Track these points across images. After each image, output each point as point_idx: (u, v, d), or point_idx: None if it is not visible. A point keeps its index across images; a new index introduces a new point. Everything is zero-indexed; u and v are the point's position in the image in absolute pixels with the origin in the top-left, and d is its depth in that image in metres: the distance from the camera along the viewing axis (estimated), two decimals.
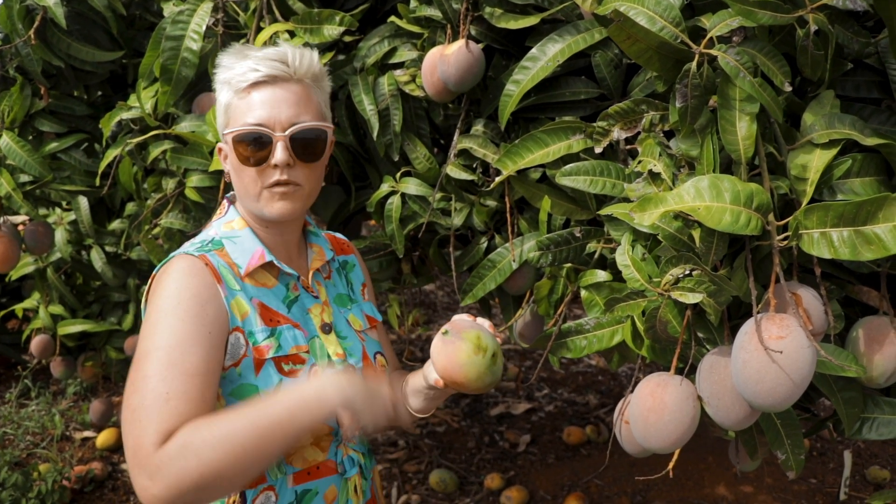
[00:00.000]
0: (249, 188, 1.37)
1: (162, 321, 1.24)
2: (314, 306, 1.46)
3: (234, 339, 1.32)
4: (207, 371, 1.23)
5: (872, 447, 4.04)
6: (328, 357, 1.42)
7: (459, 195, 1.92)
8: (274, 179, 1.34)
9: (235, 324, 1.32)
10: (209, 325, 1.26)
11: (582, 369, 5.00)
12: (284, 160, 1.33)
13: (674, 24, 1.21)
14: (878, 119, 1.39)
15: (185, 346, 1.22)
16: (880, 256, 1.09)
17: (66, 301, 3.06)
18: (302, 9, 2.01)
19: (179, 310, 1.25)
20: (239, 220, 1.43)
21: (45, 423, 4.08)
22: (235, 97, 1.36)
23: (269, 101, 1.33)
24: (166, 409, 1.16)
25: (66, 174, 2.60)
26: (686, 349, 1.37)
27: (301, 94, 1.37)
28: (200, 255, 1.33)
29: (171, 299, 1.26)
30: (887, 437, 1.46)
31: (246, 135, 1.33)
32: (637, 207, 1.17)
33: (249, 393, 1.31)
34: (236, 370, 1.31)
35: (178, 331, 1.23)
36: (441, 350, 1.31)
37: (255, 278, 1.38)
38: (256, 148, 1.33)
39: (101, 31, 2.49)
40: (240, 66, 1.35)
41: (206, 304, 1.27)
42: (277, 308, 1.39)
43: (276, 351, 1.34)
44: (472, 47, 1.72)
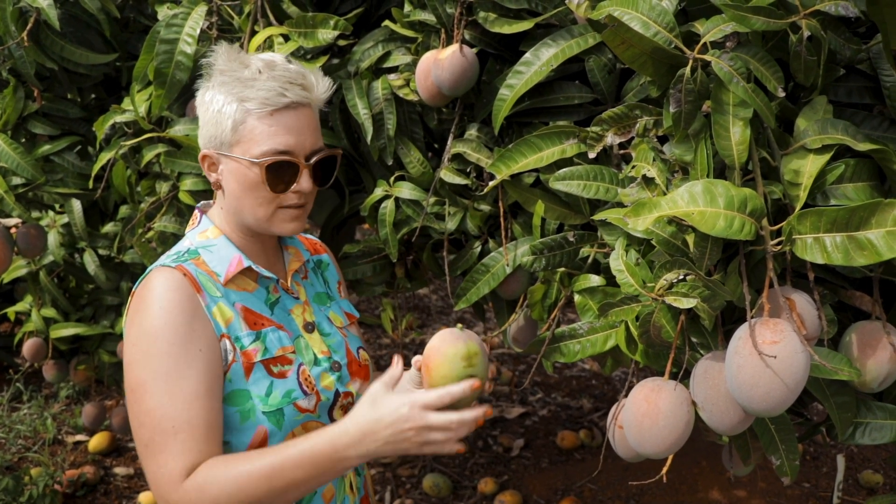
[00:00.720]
0: (259, 208, 1.36)
1: (153, 347, 1.25)
2: (295, 307, 1.46)
3: (223, 346, 1.32)
4: (207, 391, 1.25)
5: (865, 451, 4.05)
6: (314, 356, 1.42)
7: (453, 199, 1.92)
8: (294, 202, 1.37)
9: (221, 331, 1.32)
10: (199, 342, 1.27)
11: (576, 373, 5.00)
12: (308, 188, 1.36)
13: (668, 29, 1.21)
14: (871, 125, 1.40)
15: (180, 370, 1.24)
16: (873, 262, 1.09)
17: (59, 304, 3.04)
18: (296, 12, 2.01)
19: (167, 332, 1.25)
20: (213, 228, 1.42)
21: (37, 426, 4.05)
22: (254, 118, 1.31)
23: (295, 128, 1.33)
24: (175, 444, 1.21)
25: (59, 177, 2.59)
26: (680, 354, 1.38)
27: (314, 118, 1.38)
28: (177, 265, 1.32)
29: (158, 320, 1.26)
30: (880, 442, 1.46)
31: (279, 164, 1.32)
32: (631, 212, 1.17)
33: (242, 398, 1.32)
34: (227, 376, 1.31)
35: (171, 355, 1.24)
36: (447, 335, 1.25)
37: (235, 283, 1.38)
38: (283, 176, 1.34)
39: (94, 33, 2.48)
40: (262, 85, 1.30)
41: (192, 320, 1.28)
42: (260, 311, 1.39)
43: (264, 354, 1.34)
44: (466, 52, 1.72)
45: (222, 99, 1.32)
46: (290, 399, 1.35)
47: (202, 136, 1.38)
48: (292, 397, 1.35)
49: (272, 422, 1.33)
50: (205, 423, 1.24)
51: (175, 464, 1.21)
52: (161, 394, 1.23)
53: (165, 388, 1.23)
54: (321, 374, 1.42)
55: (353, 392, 1.47)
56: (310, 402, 1.37)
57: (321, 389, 1.40)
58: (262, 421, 1.32)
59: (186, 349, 1.25)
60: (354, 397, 1.47)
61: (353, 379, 1.48)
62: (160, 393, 1.23)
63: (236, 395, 1.32)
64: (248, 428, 1.32)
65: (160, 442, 1.22)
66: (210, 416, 1.25)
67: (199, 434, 1.22)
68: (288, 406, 1.34)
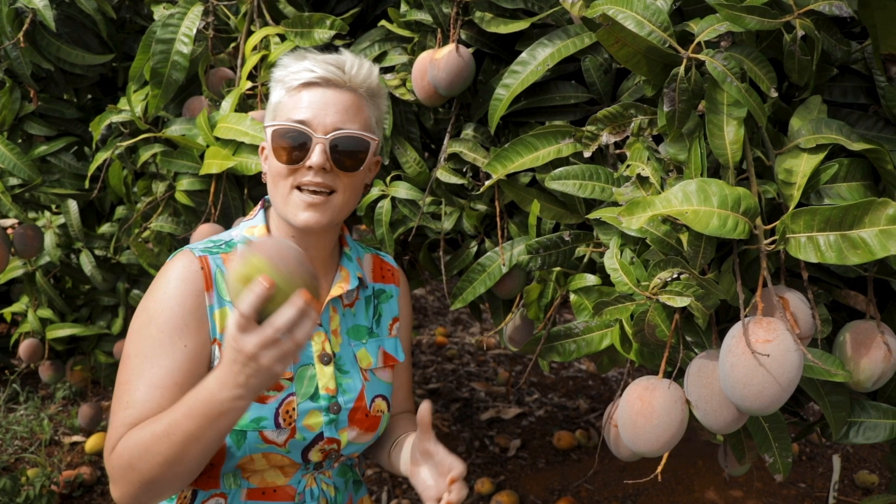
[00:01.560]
0: (281, 188, 1.33)
1: (144, 327, 1.28)
2: (317, 334, 1.39)
3: (213, 350, 1.31)
4: (173, 384, 1.25)
5: (861, 452, 4.05)
6: (316, 390, 1.36)
7: (449, 199, 1.92)
8: (307, 179, 1.31)
9: (215, 335, 1.30)
10: (186, 338, 1.27)
11: (572, 374, 5.00)
12: (320, 163, 1.30)
13: (662, 28, 1.22)
14: (865, 125, 1.40)
15: (156, 357, 1.25)
16: (866, 261, 1.10)
17: (55, 305, 3.04)
18: (292, 12, 2.01)
19: (161, 319, 1.27)
20: (262, 227, 1.39)
21: (34, 427, 4.05)
22: (286, 95, 1.34)
23: (318, 103, 1.31)
24: (122, 416, 1.24)
25: (56, 177, 2.59)
26: (674, 353, 1.38)
27: (351, 102, 1.34)
28: (202, 255, 1.32)
29: (159, 304, 1.28)
30: (874, 441, 1.47)
31: (286, 130, 1.30)
32: (625, 211, 1.17)
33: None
34: None
35: (154, 340, 1.26)
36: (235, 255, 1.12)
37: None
38: (294, 146, 1.30)
39: (90, 34, 2.49)
40: (296, 65, 1.33)
41: (187, 316, 1.28)
42: None
43: None
44: (462, 51, 1.72)
45: (273, 86, 1.37)
46: (258, 426, 1.31)
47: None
48: (260, 425, 1.31)
49: (233, 440, 1.31)
50: (157, 409, 1.23)
51: (114, 433, 1.23)
52: (133, 370, 1.26)
53: (139, 367, 1.25)
54: (310, 412, 1.35)
55: (341, 441, 1.40)
56: (280, 435, 1.32)
57: (300, 427, 1.34)
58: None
59: (172, 340, 1.26)
60: (341, 446, 1.41)
61: (350, 426, 1.40)
62: (133, 369, 1.26)
63: None
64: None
65: (115, 410, 1.26)
66: (166, 405, 1.22)
67: (145, 416, 1.22)
68: (252, 431, 1.31)
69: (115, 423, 1.25)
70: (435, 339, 5.54)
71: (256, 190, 2.13)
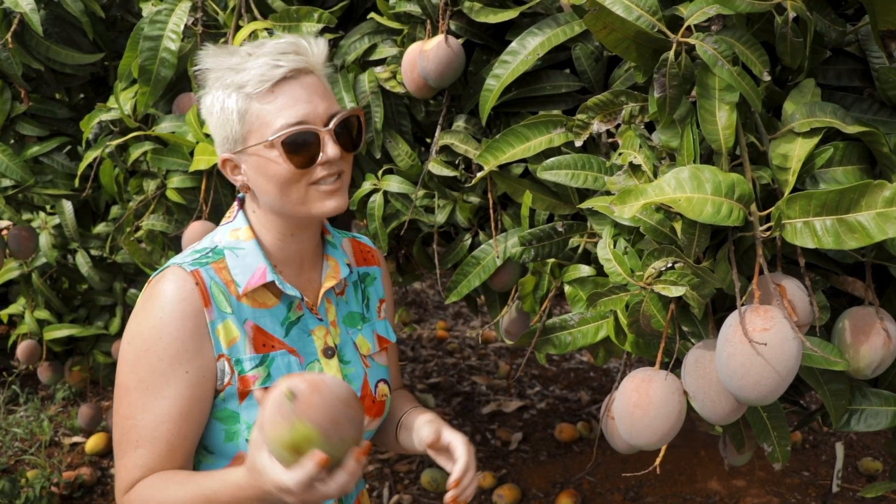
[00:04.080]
0: (295, 191, 1.26)
1: (142, 356, 1.23)
2: (318, 328, 1.37)
3: (221, 366, 1.26)
4: (180, 414, 1.23)
5: (864, 439, 4.04)
6: None
7: (442, 192, 1.90)
8: (322, 174, 1.26)
9: (220, 351, 1.26)
10: (187, 364, 1.23)
11: (573, 366, 4.98)
12: (337, 154, 1.25)
13: (650, 12, 1.19)
14: (860, 108, 1.38)
15: (160, 387, 1.22)
16: (864, 244, 1.07)
17: (52, 306, 3.03)
18: (280, 6, 1.99)
19: (160, 346, 1.22)
20: (245, 229, 1.33)
21: (34, 428, 4.04)
22: (255, 102, 1.23)
23: (303, 97, 1.24)
24: (134, 457, 1.22)
25: (49, 178, 2.57)
26: (671, 343, 1.36)
27: (321, 83, 1.29)
28: (194, 270, 1.26)
29: (154, 330, 1.23)
30: (875, 429, 1.45)
31: (294, 136, 1.22)
32: (617, 200, 1.15)
33: (232, 419, 1.28)
34: (220, 396, 1.27)
35: (156, 370, 1.22)
36: (272, 407, 1.03)
37: (253, 298, 1.30)
38: (306, 148, 1.24)
39: (80, 33, 2.47)
40: (252, 63, 1.22)
41: (187, 340, 1.23)
42: (273, 331, 1.31)
43: (264, 381, 1.27)
44: (451, 42, 1.70)
45: (221, 95, 1.25)
46: None
47: (217, 144, 1.31)
48: None
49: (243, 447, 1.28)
50: (167, 445, 1.22)
51: (128, 474, 1.23)
52: (137, 404, 1.22)
53: (142, 400, 1.22)
54: None
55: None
56: None
57: None
58: (243, 447, 1.27)
59: (173, 368, 1.22)
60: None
61: None
62: (136, 403, 1.23)
63: (227, 414, 1.28)
64: (229, 449, 1.29)
65: (124, 448, 1.24)
66: (175, 440, 1.23)
67: (159, 454, 1.22)
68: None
69: (127, 464, 1.23)
70: (436, 334, 5.52)
71: None
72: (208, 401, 1.26)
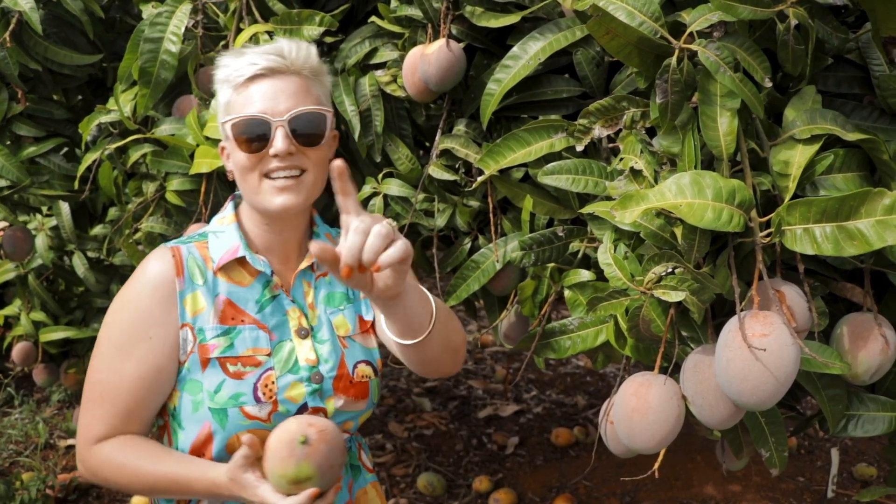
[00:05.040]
0: (250, 180, 1.35)
1: (116, 316, 1.35)
2: (292, 309, 1.42)
3: (184, 335, 1.34)
4: (137, 377, 1.33)
5: (859, 445, 4.05)
6: (296, 362, 1.38)
7: (442, 196, 1.90)
8: (274, 166, 1.33)
9: (185, 320, 1.34)
10: (151, 329, 1.33)
11: (570, 370, 4.99)
12: (285, 148, 1.31)
13: (653, 18, 1.20)
14: (860, 115, 1.39)
15: (126, 349, 1.33)
16: (863, 252, 1.08)
17: (48, 307, 3.02)
18: (282, 9, 1.99)
19: (130, 308, 1.34)
20: (230, 215, 1.43)
21: (29, 431, 4.02)
22: (234, 93, 1.35)
23: (268, 93, 1.33)
24: (98, 411, 1.34)
25: (45, 179, 2.56)
26: (670, 348, 1.37)
27: (300, 85, 1.36)
28: (174, 246, 1.38)
29: (129, 294, 1.35)
30: (872, 434, 1.46)
31: (245, 122, 1.32)
32: (618, 205, 1.16)
33: (195, 388, 1.34)
34: (186, 365, 1.35)
35: (124, 330, 1.34)
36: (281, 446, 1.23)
37: (228, 275, 1.38)
38: (255, 136, 1.32)
39: (79, 34, 2.46)
40: (237, 62, 1.35)
41: (154, 305, 1.33)
42: (245, 307, 1.38)
43: (225, 351, 1.35)
44: (452, 46, 1.70)
45: (219, 88, 1.39)
46: (237, 402, 1.33)
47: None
48: (239, 401, 1.33)
49: (216, 419, 1.34)
50: (125, 406, 1.33)
51: (93, 426, 1.34)
52: (105, 362, 1.34)
53: (109, 359, 1.34)
54: (291, 384, 1.37)
55: (328, 409, 1.40)
56: (261, 410, 1.34)
57: (282, 399, 1.36)
58: (208, 416, 1.34)
59: (138, 331, 1.33)
60: (329, 415, 1.40)
61: (336, 395, 1.41)
62: (104, 361, 1.34)
63: (190, 384, 1.35)
64: (197, 420, 1.35)
65: (89, 401, 1.35)
66: (133, 403, 1.33)
67: (119, 413, 1.33)
68: (233, 409, 1.33)
69: (90, 416, 1.34)
70: None
71: None
72: (169, 371, 1.35)
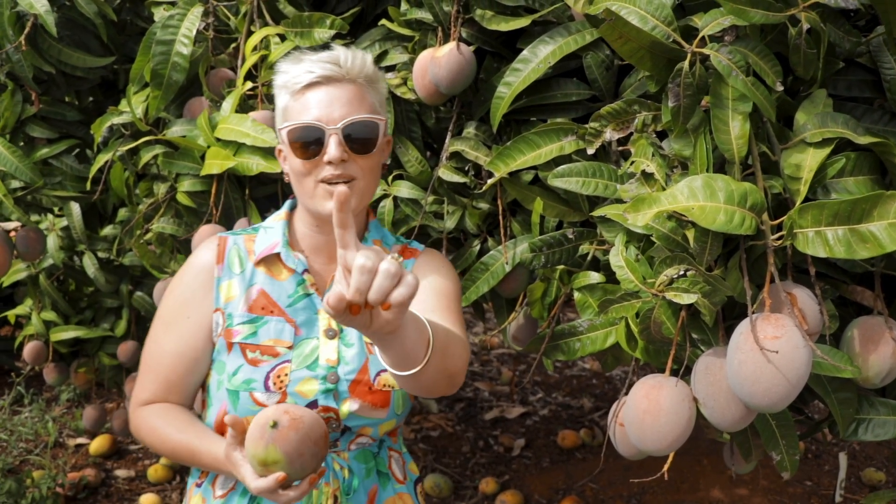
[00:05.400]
0: (305, 184, 1.41)
1: (168, 294, 1.50)
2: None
3: (216, 318, 1.46)
4: (176, 352, 1.46)
5: (867, 449, 4.03)
6: (316, 360, 1.43)
7: (452, 198, 1.91)
8: (328, 173, 1.38)
9: (218, 304, 1.46)
10: (190, 310, 1.46)
11: (576, 373, 4.99)
12: (338, 155, 1.36)
13: (666, 23, 1.20)
14: (871, 118, 1.39)
15: (169, 325, 1.47)
16: (875, 255, 1.08)
17: (59, 307, 3.03)
18: (292, 12, 2.01)
19: (178, 289, 1.48)
20: (283, 213, 1.53)
21: (39, 429, 4.05)
22: (291, 99, 1.41)
23: (324, 101, 1.38)
24: (145, 379, 1.49)
25: (58, 180, 2.58)
26: (681, 350, 1.37)
27: (354, 93, 1.40)
28: (222, 236, 1.51)
29: (180, 276, 1.50)
30: (882, 438, 1.45)
31: (300, 129, 1.38)
32: (631, 208, 1.16)
33: (221, 368, 1.45)
34: (216, 348, 1.46)
35: (170, 308, 1.48)
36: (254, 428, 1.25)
37: (268, 267, 1.48)
38: (310, 142, 1.38)
39: (91, 36, 2.48)
40: (295, 69, 1.40)
41: (196, 288, 1.47)
42: (278, 300, 1.46)
43: (247, 337, 1.43)
44: (463, 49, 1.71)
45: (277, 95, 1.45)
46: (248, 387, 1.41)
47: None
48: (250, 386, 1.41)
49: (230, 400, 1.43)
50: (165, 377, 1.46)
51: (141, 392, 1.49)
52: (154, 335, 1.49)
53: (156, 333, 1.49)
54: (304, 379, 1.41)
55: (340, 411, 1.42)
56: (270, 398, 1.40)
57: (292, 392, 1.40)
58: (225, 396, 1.43)
59: (181, 310, 1.46)
60: (340, 416, 1.43)
61: (352, 398, 1.43)
62: (154, 334, 1.49)
63: (218, 365, 1.46)
64: (219, 397, 1.45)
65: (141, 369, 1.50)
66: (173, 376, 1.46)
67: (159, 382, 1.47)
68: (244, 392, 1.41)
69: (140, 382, 1.49)
70: None
71: (258, 190, 2.12)
72: (204, 350, 1.47)
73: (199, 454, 1.38)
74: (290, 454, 1.22)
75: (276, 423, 1.22)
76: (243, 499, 1.46)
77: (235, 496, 1.47)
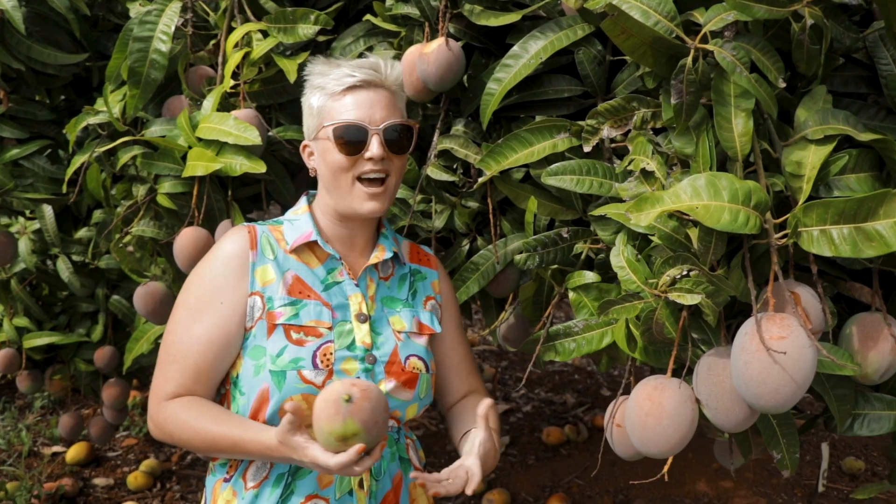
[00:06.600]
0: (343, 180, 1.49)
1: (193, 283, 1.50)
2: (355, 294, 1.53)
3: (252, 303, 1.47)
4: (207, 339, 1.46)
5: (847, 439, 4.08)
6: (353, 342, 1.49)
7: (440, 197, 1.88)
8: (368, 168, 1.47)
9: (255, 288, 1.48)
10: (223, 295, 1.47)
11: (557, 368, 4.98)
12: (380, 154, 1.46)
13: (668, 18, 1.18)
14: (867, 114, 1.38)
15: (199, 312, 1.47)
16: (882, 253, 1.07)
17: (32, 313, 2.95)
18: (274, 8, 1.96)
19: (207, 276, 1.49)
20: (304, 206, 1.58)
21: (12, 439, 3.95)
22: (330, 100, 1.50)
23: (365, 103, 1.48)
24: (169, 370, 1.47)
25: (29, 182, 2.50)
26: (681, 351, 1.35)
27: (389, 98, 1.52)
28: (250, 225, 1.54)
29: (206, 265, 1.51)
30: (878, 433, 1.46)
31: (345, 127, 1.46)
32: (633, 207, 1.14)
33: (259, 353, 1.45)
34: (252, 332, 1.46)
35: (199, 296, 1.48)
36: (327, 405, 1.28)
37: (299, 255, 1.53)
38: (354, 140, 1.46)
39: (63, 32, 2.40)
40: (335, 72, 1.50)
41: (229, 274, 1.48)
42: (313, 285, 1.51)
43: (290, 319, 1.46)
44: (452, 45, 1.68)
45: (310, 94, 1.54)
46: (296, 366, 1.43)
47: (305, 134, 1.58)
48: (298, 364, 1.43)
49: (275, 381, 1.43)
50: (195, 366, 1.46)
51: (164, 385, 1.47)
52: (180, 324, 1.48)
53: (184, 321, 1.48)
54: (347, 358, 1.47)
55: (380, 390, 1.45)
56: (318, 376, 1.44)
57: (338, 370, 1.46)
58: (266, 379, 1.43)
59: (212, 296, 1.47)
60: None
61: (388, 378, 1.50)
62: (180, 322, 1.48)
63: (255, 350, 1.46)
64: (257, 383, 1.44)
65: (163, 361, 1.49)
66: (203, 364, 1.46)
67: (188, 373, 1.46)
68: (292, 371, 1.43)
69: (162, 375, 1.47)
70: None
71: (240, 191, 2.07)
72: (236, 336, 1.47)
73: (244, 443, 1.38)
74: (368, 423, 1.26)
75: (350, 396, 1.25)
76: (276, 487, 1.47)
77: (268, 485, 1.48)
